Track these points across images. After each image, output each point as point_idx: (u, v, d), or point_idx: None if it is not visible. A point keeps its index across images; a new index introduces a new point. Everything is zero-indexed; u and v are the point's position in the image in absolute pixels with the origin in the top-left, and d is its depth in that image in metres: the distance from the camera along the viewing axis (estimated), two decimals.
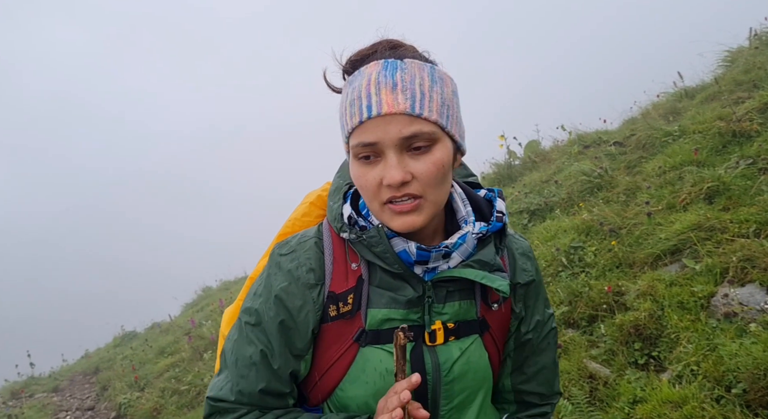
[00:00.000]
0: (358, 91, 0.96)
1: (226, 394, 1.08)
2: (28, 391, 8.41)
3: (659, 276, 3.29)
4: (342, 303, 1.05)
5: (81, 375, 9.44)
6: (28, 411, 6.80)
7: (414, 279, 1.05)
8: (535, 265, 1.20)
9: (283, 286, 1.06)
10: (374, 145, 0.94)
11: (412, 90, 0.94)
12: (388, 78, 0.95)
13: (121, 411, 6.49)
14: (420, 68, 0.97)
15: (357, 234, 1.04)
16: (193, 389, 5.95)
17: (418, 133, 0.94)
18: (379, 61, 0.98)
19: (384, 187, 0.96)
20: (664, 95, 6.73)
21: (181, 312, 11.20)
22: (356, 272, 1.06)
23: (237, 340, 1.10)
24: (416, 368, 1.03)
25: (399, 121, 0.93)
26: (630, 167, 5.02)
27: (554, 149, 7.11)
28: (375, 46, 1.02)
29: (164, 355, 7.73)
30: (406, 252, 1.03)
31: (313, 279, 1.06)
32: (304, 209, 1.28)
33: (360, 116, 0.94)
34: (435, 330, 1.05)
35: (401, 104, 0.93)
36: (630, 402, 2.65)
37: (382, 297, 1.05)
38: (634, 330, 3.05)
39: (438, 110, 0.96)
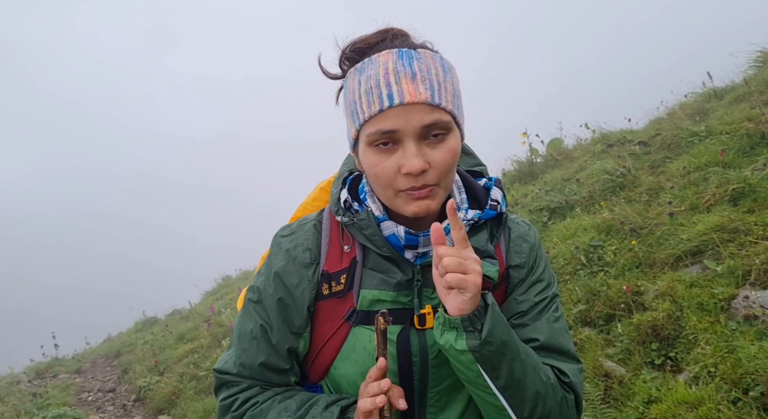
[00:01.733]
0: (375, 80, 0.97)
1: (230, 367, 1.13)
2: (52, 372, 8.66)
3: (679, 277, 3.25)
4: (335, 282, 1.09)
5: (103, 358, 9.67)
6: (52, 390, 7.00)
7: (404, 263, 1.08)
8: (531, 248, 1.17)
9: (281, 265, 1.11)
10: (394, 132, 0.96)
11: (430, 80, 0.96)
12: (406, 67, 0.96)
13: (141, 394, 6.64)
14: (432, 58, 1.00)
15: (350, 217, 1.08)
16: (211, 375, 6.06)
17: (438, 121, 0.96)
18: (392, 50, 0.99)
19: (401, 175, 0.98)
20: (692, 95, 6.61)
21: (201, 300, 11.39)
22: (350, 254, 1.11)
23: (241, 317, 1.16)
24: (402, 350, 1.06)
25: (420, 110, 0.95)
26: (654, 167, 4.95)
27: (577, 147, 7.04)
28: (381, 34, 1.03)
29: (184, 341, 7.87)
30: (395, 236, 1.06)
31: (309, 258, 1.11)
32: (315, 194, 1.34)
33: (380, 104, 0.96)
34: (425, 314, 1.07)
35: (422, 94, 0.95)
36: (645, 402, 2.64)
37: (374, 278, 1.08)
38: (652, 330, 3.03)
39: (452, 100, 0.99)
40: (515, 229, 1.18)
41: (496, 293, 1.12)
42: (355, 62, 1.03)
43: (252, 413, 1.09)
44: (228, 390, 1.13)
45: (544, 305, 1.13)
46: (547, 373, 1.05)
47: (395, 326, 1.07)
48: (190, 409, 5.46)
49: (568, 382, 1.08)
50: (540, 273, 1.17)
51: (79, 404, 6.76)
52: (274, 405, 1.08)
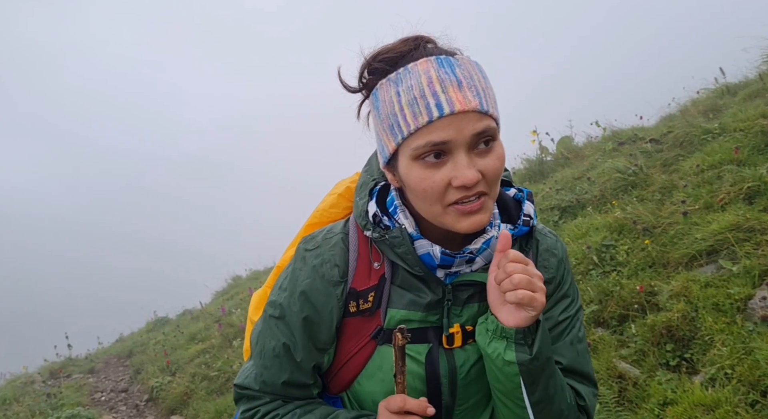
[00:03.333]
0: (419, 90, 0.92)
1: (251, 383, 1.12)
2: (65, 372, 8.73)
3: (694, 277, 3.22)
4: (362, 300, 1.06)
5: (115, 357, 9.74)
6: (66, 390, 7.06)
7: (435, 282, 1.05)
8: (559, 262, 1.15)
9: (307, 282, 1.07)
10: (445, 143, 0.92)
11: (475, 87, 0.93)
12: (450, 75, 0.92)
13: (153, 394, 6.68)
14: (471, 64, 0.96)
15: (380, 233, 1.04)
16: (222, 375, 6.08)
17: (488, 128, 0.93)
18: (430, 58, 0.94)
19: (453, 188, 0.94)
20: (704, 91, 6.54)
21: (211, 300, 11.43)
22: (379, 271, 1.07)
23: (262, 332, 1.13)
24: (430, 371, 1.05)
25: (470, 118, 0.92)
26: (666, 165, 4.90)
27: (588, 145, 6.99)
28: (412, 42, 0.98)
29: (195, 341, 7.91)
30: (429, 256, 1.02)
31: (337, 275, 1.07)
32: (333, 200, 1.27)
33: (429, 115, 0.91)
34: (453, 334, 1.06)
35: (472, 101, 0.91)
36: (660, 404, 2.61)
37: (403, 297, 1.05)
38: (666, 331, 3.00)
39: (495, 105, 0.97)
40: (543, 242, 1.15)
41: None
42: (385, 73, 0.98)
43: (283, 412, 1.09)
44: (249, 402, 1.13)
45: (567, 324, 1.11)
46: (570, 393, 1.05)
47: (423, 346, 1.05)
48: (202, 409, 5.48)
49: (584, 405, 1.09)
50: (566, 289, 1.14)
51: (92, 404, 6.81)
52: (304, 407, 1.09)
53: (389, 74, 0.97)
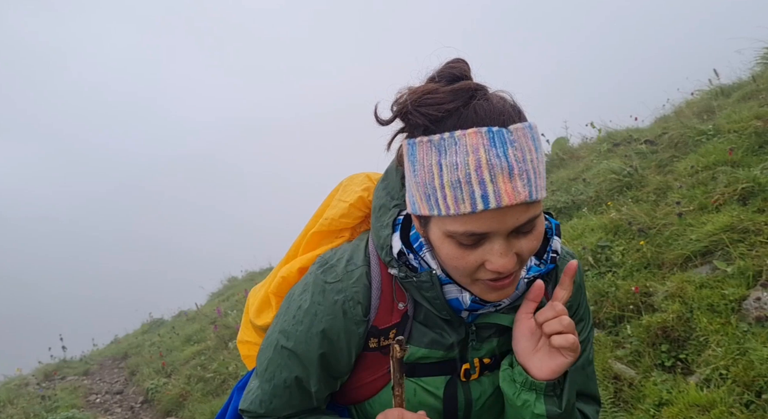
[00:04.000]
0: (465, 173, 0.82)
1: (256, 408, 1.10)
2: (60, 374, 8.69)
3: (689, 278, 3.23)
4: (383, 337, 1.04)
5: (110, 359, 9.71)
6: (60, 392, 7.03)
7: (457, 322, 1.03)
8: (578, 287, 1.12)
9: (329, 320, 1.02)
10: (485, 234, 0.87)
11: (527, 172, 0.84)
12: (501, 159, 0.82)
13: (149, 396, 6.66)
14: (525, 136, 0.85)
15: (407, 273, 0.99)
16: (218, 377, 6.07)
17: (533, 217, 0.87)
18: (481, 131, 0.83)
19: (485, 269, 0.90)
20: (698, 93, 6.58)
21: (207, 301, 11.42)
22: (402, 309, 1.04)
23: (272, 360, 1.08)
24: (448, 404, 1.05)
25: (516, 211, 0.85)
26: (661, 166, 4.92)
27: (583, 146, 7.01)
28: (459, 94, 0.86)
29: (190, 343, 7.89)
30: (458, 301, 1.00)
31: (360, 314, 1.03)
32: (344, 210, 1.16)
33: (473, 206, 0.83)
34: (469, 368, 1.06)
35: (522, 194, 0.83)
36: (656, 405, 2.62)
37: (425, 336, 1.03)
38: (662, 331, 3.01)
39: (544, 185, 0.88)
40: (562, 267, 1.10)
41: None
42: (426, 129, 0.87)
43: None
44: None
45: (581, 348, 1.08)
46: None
47: (440, 378, 1.05)
48: (197, 411, 5.47)
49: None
50: (581, 313, 1.14)
51: (87, 406, 6.78)
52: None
53: (431, 134, 0.86)
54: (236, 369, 5.93)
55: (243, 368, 5.76)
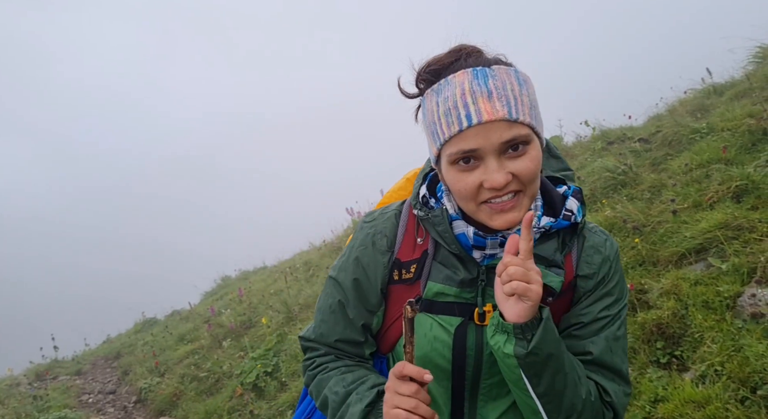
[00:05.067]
0: (453, 101, 1.00)
1: (310, 334, 1.28)
2: (52, 373, 8.61)
3: (684, 275, 3.24)
4: (405, 270, 1.17)
5: (103, 359, 9.64)
6: (52, 392, 6.97)
7: (470, 262, 1.13)
8: (605, 259, 1.16)
9: (361, 249, 1.22)
10: (475, 151, 1.00)
11: (506, 96, 0.99)
12: (482, 86, 0.99)
13: (142, 395, 6.62)
14: (507, 73, 1.02)
15: (425, 212, 1.15)
16: (212, 376, 6.04)
17: (517, 136, 1.00)
18: (467, 70, 1.02)
19: (485, 189, 1.02)
20: (691, 92, 6.60)
21: (200, 301, 11.36)
22: (422, 246, 1.18)
23: (323, 290, 1.28)
24: (458, 342, 1.12)
25: (498, 127, 0.99)
26: (655, 164, 4.94)
27: (577, 145, 7.03)
28: (455, 53, 1.05)
29: (184, 342, 7.85)
30: (464, 236, 1.12)
31: (385, 245, 1.20)
32: (401, 184, 1.43)
33: (459, 125, 1.00)
34: (485, 312, 1.12)
35: (500, 111, 0.98)
36: (651, 401, 2.63)
37: (441, 273, 1.15)
38: (657, 328, 3.02)
39: (529, 112, 1.01)
40: (590, 239, 1.18)
41: (560, 301, 1.15)
42: (431, 83, 1.06)
43: (321, 376, 1.22)
44: (310, 352, 1.29)
45: (607, 321, 1.14)
46: (590, 389, 1.08)
47: (455, 318, 1.13)
48: (191, 410, 5.44)
49: (610, 401, 1.11)
50: (611, 288, 1.16)
51: (79, 406, 6.73)
52: (337, 375, 1.20)
53: (434, 84, 1.06)
54: (230, 367, 5.90)
55: (237, 366, 5.74)
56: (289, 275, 7.93)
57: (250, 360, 5.54)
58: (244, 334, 6.63)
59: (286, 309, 6.30)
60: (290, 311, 6.25)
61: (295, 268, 8.50)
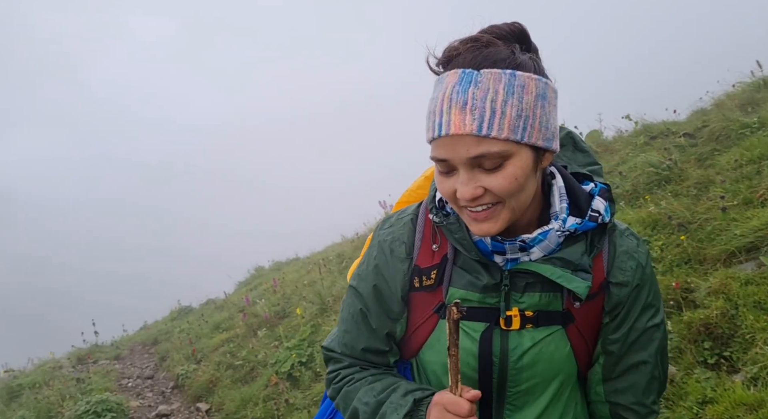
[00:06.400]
0: (435, 104, 0.97)
1: (335, 346, 1.26)
2: (93, 358, 8.90)
3: (733, 274, 3.14)
4: (425, 277, 1.14)
5: (140, 345, 9.91)
6: (94, 376, 7.20)
7: (493, 267, 1.09)
8: (638, 266, 1.12)
9: (381, 257, 1.19)
10: (446, 160, 0.98)
11: (481, 109, 0.93)
12: (459, 94, 0.94)
13: (179, 381, 6.78)
14: (496, 79, 0.94)
15: (441, 218, 1.11)
16: (247, 364, 6.15)
17: (485, 153, 0.94)
18: (457, 72, 0.96)
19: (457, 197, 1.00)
20: (740, 85, 6.36)
21: (234, 290, 11.55)
22: (441, 251, 1.14)
23: (345, 300, 1.26)
24: (483, 348, 1.09)
25: (466, 142, 0.94)
26: (701, 160, 4.79)
27: (618, 139, 6.85)
28: (465, 43, 1.00)
29: (219, 331, 8.00)
30: (482, 242, 1.08)
31: (404, 252, 1.17)
32: (419, 182, 1.38)
33: (432, 132, 0.98)
34: (511, 316, 1.08)
35: (467, 126, 0.93)
36: (699, 403, 2.56)
37: (462, 278, 1.11)
38: (704, 328, 2.93)
39: (510, 126, 0.94)
40: (622, 243, 1.13)
41: (590, 305, 1.11)
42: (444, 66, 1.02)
43: (347, 388, 1.20)
44: (333, 364, 1.26)
45: (655, 331, 1.14)
46: None
47: (480, 324, 1.10)
48: (227, 397, 5.55)
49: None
50: (651, 298, 1.14)
51: (119, 390, 6.94)
52: (365, 385, 1.18)
53: (441, 74, 1.02)
54: (265, 357, 5.99)
55: (272, 356, 5.82)
56: (323, 266, 7.99)
57: (285, 349, 5.61)
58: (278, 324, 6.72)
59: (320, 301, 6.35)
60: (324, 302, 6.30)
61: (328, 260, 8.55)
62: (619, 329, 1.12)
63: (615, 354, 1.13)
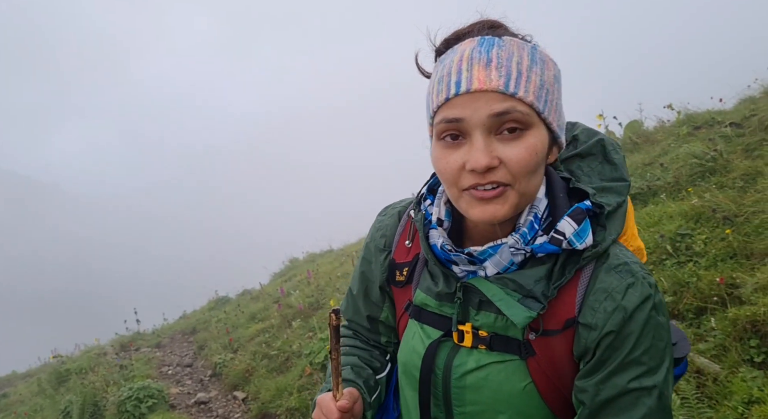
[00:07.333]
0: (449, 67, 0.88)
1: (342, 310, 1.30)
2: (135, 345, 9.20)
3: None
4: (398, 272, 1.13)
5: (180, 333, 10.18)
6: (136, 363, 7.45)
7: (450, 276, 1.02)
8: (618, 310, 0.91)
9: (367, 243, 1.22)
10: (460, 121, 0.87)
11: (507, 67, 0.86)
12: (482, 53, 0.87)
13: (217, 369, 6.94)
14: (520, 47, 0.89)
15: (416, 214, 1.07)
16: (282, 354, 6.24)
17: (511, 110, 0.85)
18: (475, 38, 0.90)
19: (466, 172, 0.88)
20: None
21: (269, 281, 11.74)
22: (413, 249, 1.12)
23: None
24: (426, 357, 1.05)
25: (490, 97, 0.85)
26: (749, 150, 4.59)
27: (659, 130, 6.64)
28: (473, 25, 0.94)
29: (255, 321, 8.15)
30: (437, 247, 1.01)
31: (383, 244, 1.18)
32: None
33: (447, 92, 0.87)
34: (463, 332, 1.01)
35: (494, 81, 0.85)
36: (744, 402, 2.47)
37: (425, 281, 1.07)
38: (751, 325, 2.82)
39: (535, 92, 0.86)
40: (604, 279, 0.93)
41: (554, 340, 0.95)
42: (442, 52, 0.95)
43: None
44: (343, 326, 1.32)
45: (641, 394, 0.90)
46: None
47: (437, 331, 1.05)
48: (263, 387, 5.65)
49: None
50: (638, 354, 0.90)
51: (160, 377, 7.15)
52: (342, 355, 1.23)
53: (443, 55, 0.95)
54: (299, 347, 6.07)
55: (306, 346, 5.90)
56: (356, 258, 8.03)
57: (319, 340, 5.67)
58: (312, 315, 6.80)
59: None
60: None
61: None
62: (589, 378, 0.93)
63: (587, 407, 0.93)
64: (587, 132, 1.11)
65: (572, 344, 0.95)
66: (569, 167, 1.08)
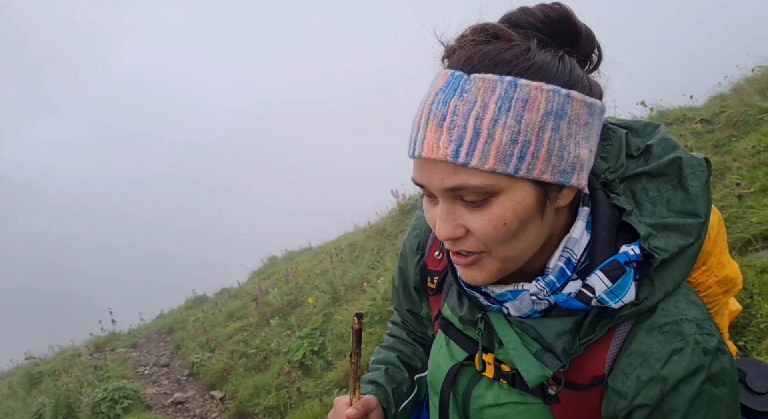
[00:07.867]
0: (418, 112, 0.77)
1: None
2: (110, 345, 9.06)
3: (749, 262, 3.08)
4: (430, 279, 1.08)
5: (157, 333, 10.05)
6: (111, 363, 7.33)
7: (474, 302, 0.92)
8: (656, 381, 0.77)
9: (405, 240, 1.16)
10: (424, 187, 0.79)
11: (462, 127, 0.70)
12: (440, 105, 0.72)
13: (194, 369, 6.87)
14: (488, 89, 0.71)
15: None
16: (260, 353, 6.21)
17: (463, 186, 0.73)
18: (447, 73, 0.75)
19: None
20: (760, 69, 6.21)
21: (248, 279, 11.65)
22: (443, 260, 1.05)
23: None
24: (447, 378, 1.00)
25: (440, 168, 0.73)
26: (718, 146, 4.69)
27: None
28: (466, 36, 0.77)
29: (233, 319, 8.08)
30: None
31: (416, 246, 1.12)
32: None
33: (409, 147, 0.78)
34: (485, 362, 0.93)
35: (442, 148, 0.71)
36: None
37: (452, 297, 0.98)
38: None
39: (499, 154, 0.70)
40: (643, 340, 0.79)
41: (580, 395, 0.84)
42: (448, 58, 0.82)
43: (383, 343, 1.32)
44: (392, 316, 1.35)
45: None
46: None
47: (461, 351, 0.99)
48: (241, 385, 5.61)
49: None
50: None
51: (136, 377, 7.06)
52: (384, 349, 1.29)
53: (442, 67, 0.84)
54: (277, 345, 6.04)
55: (284, 345, 5.87)
56: (335, 256, 8.02)
57: (297, 338, 5.65)
58: (290, 313, 6.77)
59: (332, 290, 6.38)
60: (336, 291, 6.33)
61: (341, 250, 8.57)
62: None
63: None
64: (665, 143, 0.87)
65: (601, 402, 0.83)
66: (633, 187, 0.85)
